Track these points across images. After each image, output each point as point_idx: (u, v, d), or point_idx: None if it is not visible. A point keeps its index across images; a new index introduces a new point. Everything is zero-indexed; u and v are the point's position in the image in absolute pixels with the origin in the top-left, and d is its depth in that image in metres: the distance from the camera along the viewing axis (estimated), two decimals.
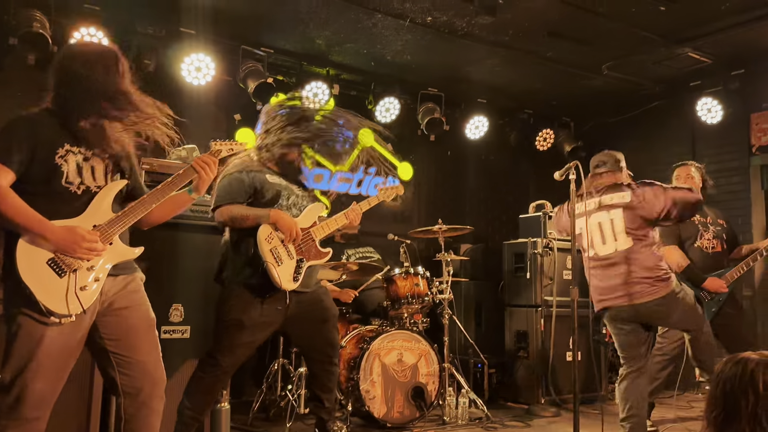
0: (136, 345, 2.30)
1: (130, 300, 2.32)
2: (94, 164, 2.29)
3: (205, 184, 2.43)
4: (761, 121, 5.85)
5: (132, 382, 2.28)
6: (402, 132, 6.43)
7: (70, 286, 2.12)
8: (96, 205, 2.25)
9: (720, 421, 1.49)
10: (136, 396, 2.29)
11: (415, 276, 4.61)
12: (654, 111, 6.59)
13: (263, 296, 3.14)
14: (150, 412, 2.31)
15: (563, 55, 5.55)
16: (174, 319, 3.53)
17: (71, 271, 2.14)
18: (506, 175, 7.28)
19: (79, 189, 2.23)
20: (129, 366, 2.28)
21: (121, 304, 2.30)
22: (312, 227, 3.33)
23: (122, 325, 2.29)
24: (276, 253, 3.14)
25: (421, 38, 5.23)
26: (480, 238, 6.63)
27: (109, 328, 2.28)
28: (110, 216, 2.26)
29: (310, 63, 5.72)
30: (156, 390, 2.33)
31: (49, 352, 2.11)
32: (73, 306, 2.12)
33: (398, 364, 4.24)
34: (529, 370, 5.27)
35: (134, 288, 2.36)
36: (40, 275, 2.11)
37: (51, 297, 2.10)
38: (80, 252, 2.13)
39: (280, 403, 4.39)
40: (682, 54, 5.44)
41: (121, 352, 2.28)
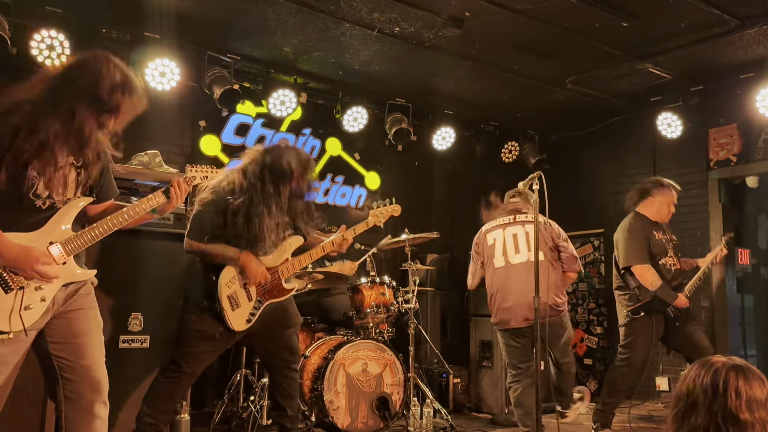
0: (81, 349, 2.26)
1: (79, 303, 2.29)
2: (66, 173, 2.24)
3: (172, 208, 2.47)
4: (719, 136, 6.03)
5: (74, 387, 2.25)
6: (370, 141, 6.45)
7: (15, 305, 2.09)
8: (56, 221, 2.21)
9: (679, 416, 1.53)
10: (77, 401, 2.25)
11: (381, 285, 4.60)
12: (616, 125, 6.74)
13: (218, 325, 3.16)
14: (93, 417, 2.27)
15: (528, 68, 5.63)
16: (133, 328, 3.45)
17: (18, 288, 2.09)
18: (472, 186, 7.33)
19: (45, 203, 2.18)
20: (72, 370, 2.24)
21: (70, 307, 2.26)
22: (282, 264, 3.31)
23: (69, 328, 2.26)
24: (234, 298, 3.18)
25: (389, 48, 5.25)
26: (446, 248, 6.65)
27: (55, 331, 2.24)
28: (69, 235, 2.22)
29: (277, 71, 5.68)
30: (98, 395, 2.29)
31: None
32: (15, 324, 2.08)
33: (363, 374, 4.22)
34: (493, 379, 5.30)
35: (85, 291, 2.32)
36: None
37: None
38: (31, 274, 2.09)
39: (242, 414, 4.32)
40: (643, 69, 5.57)
41: (65, 356, 2.24)
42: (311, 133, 6.11)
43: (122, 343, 3.39)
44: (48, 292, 2.17)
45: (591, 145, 7.14)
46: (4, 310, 2.07)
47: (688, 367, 1.64)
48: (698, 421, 1.50)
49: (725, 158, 5.97)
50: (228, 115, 5.62)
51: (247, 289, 3.22)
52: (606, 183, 6.99)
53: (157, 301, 3.50)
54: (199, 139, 5.50)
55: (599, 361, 6.58)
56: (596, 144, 7.08)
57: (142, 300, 3.49)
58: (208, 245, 3.14)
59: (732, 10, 4.55)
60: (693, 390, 1.53)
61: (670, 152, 6.32)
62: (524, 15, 4.63)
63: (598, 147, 7.08)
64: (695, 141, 6.11)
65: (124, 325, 3.41)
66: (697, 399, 1.52)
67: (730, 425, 1.47)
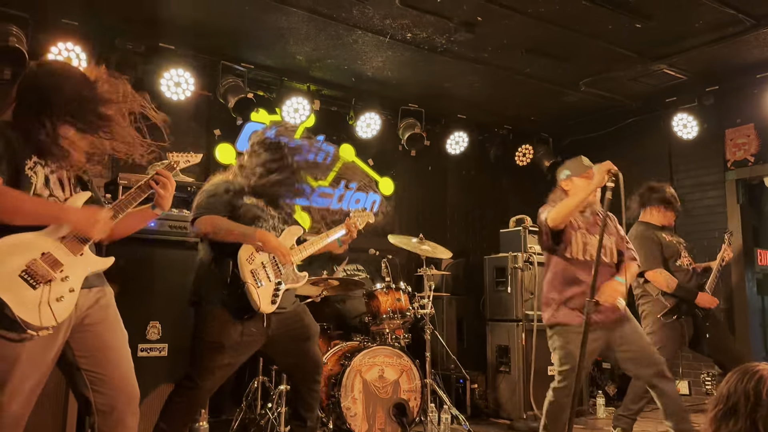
0: (110, 361, 2.27)
1: (103, 315, 2.29)
2: (61, 177, 2.28)
3: (166, 198, 2.43)
4: (736, 136, 5.97)
5: (105, 400, 2.25)
6: (383, 147, 6.46)
7: (43, 298, 2.09)
8: None
9: (719, 417, 1.53)
10: (110, 414, 2.25)
11: (397, 291, 4.59)
12: (631, 126, 6.69)
13: (241, 318, 3.06)
14: (125, 429, 2.28)
15: (541, 71, 5.62)
16: (151, 336, 3.48)
17: (44, 283, 2.10)
18: (486, 190, 7.32)
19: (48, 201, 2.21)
20: (102, 383, 2.24)
21: (94, 319, 2.27)
22: (291, 250, 3.30)
23: (95, 341, 2.26)
24: (256, 275, 3.08)
25: (401, 54, 5.27)
26: (461, 253, 6.64)
27: (81, 344, 2.24)
28: None
29: (290, 78, 5.72)
30: (130, 407, 2.29)
31: (23, 372, 2.06)
32: (47, 318, 2.07)
33: (379, 380, 4.21)
34: (511, 385, 5.27)
35: (106, 303, 2.33)
36: (13, 288, 2.06)
37: (25, 309, 2.05)
38: (97, 230, 2.16)
39: (260, 421, 4.32)
40: (657, 70, 5.54)
41: (94, 369, 2.24)
42: (325, 140, 6.11)
43: (141, 352, 3.43)
44: (75, 282, 2.17)
45: (606, 148, 7.08)
46: (34, 305, 2.06)
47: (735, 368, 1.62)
48: (738, 426, 1.49)
49: (742, 158, 5.90)
50: (242, 124, 5.66)
51: (265, 269, 3.14)
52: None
53: (174, 309, 3.52)
54: (215, 148, 5.54)
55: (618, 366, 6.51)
56: (611, 146, 7.03)
57: (160, 309, 3.52)
58: (222, 219, 3.07)
59: (747, 10, 4.51)
60: (734, 394, 1.52)
61: (687, 153, 6.26)
62: (536, 18, 4.63)
63: (613, 149, 7.01)
64: (712, 142, 6.05)
65: (142, 334, 3.45)
66: (737, 403, 1.50)
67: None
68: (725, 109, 5.90)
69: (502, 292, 5.50)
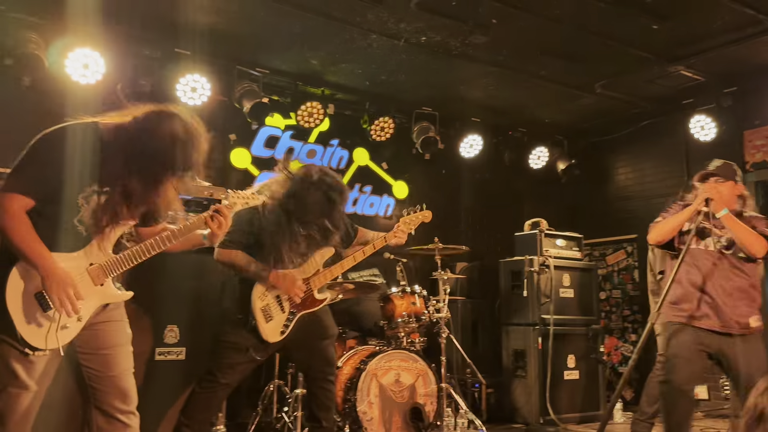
0: (109, 360, 2.29)
1: (108, 316, 2.32)
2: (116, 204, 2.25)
3: (218, 237, 2.47)
4: (754, 137, 5.89)
5: (103, 396, 2.28)
6: (397, 151, 6.46)
7: (53, 323, 2.13)
8: (99, 242, 2.24)
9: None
10: (106, 410, 2.28)
11: (412, 295, 4.58)
12: (647, 129, 6.64)
13: (252, 339, 3.20)
14: (122, 426, 2.30)
15: (556, 73, 5.59)
16: (169, 340, 3.50)
17: (56, 308, 2.13)
18: (501, 193, 7.29)
19: (86, 230, 2.22)
20: (99, 380, 2.28)
21: (99, 319, 2.29)
22: (314, 276, 3.34)
23: (97, 339, 2.29)
24: (267, 311, 3.21)
25: (416, 58, 5.26)
26: (476, 257, 6.61)
27: (83, 342, 2.27)
28: (109, 257, 2.26)
29: (305, 83, 5.74)
30: (125, 405, 2.31)
31: (30, 375, 2.13)
32: (51, 342, 2.12)
33: (396, 384, 4.20)
34: (526, 389, 5.23)
35: (114, 305, 2.35)
36: (26, 306, 2.11)
37: (31, 330, 2.10)
38: (61, 301, 2.10)
39: (276, 425, 4.33)
40: (674, 72, 5.49)
41: (94, 367, 2.28)
42: (339, 144, 6.14)
43: (158, 356, 3.44)
44: (85, 312, 2.21)
45: (622, 150, 7.05)
46: (41, 329, 2.11)
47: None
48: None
49: (761, 160, 5.83)
50: (257, 128, 5.68)
51: (280, 302, 3.26)
52: (638, 188, 6.88)
53: (191, 313, 3.54)
54: (230, 153, 5.57)
55: (634, 369, 6.45)
56: (627, 148, 6.99)
57: (177, 313, 3.53)
58: (238, 255, 3.17)
59: (766, 10, 4.45)
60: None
61: (704, 155, 6.15)
62: (552, 20, 4.61)
63: (630, 151, 6.98)
64: (730, 143, 5.98)
65: (160, 338, 3.46)
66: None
67: None
68: (744, 110, 5.84)
69: (518, 295, 5.47)
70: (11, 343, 2.09)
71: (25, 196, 2.10)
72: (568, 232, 5.81)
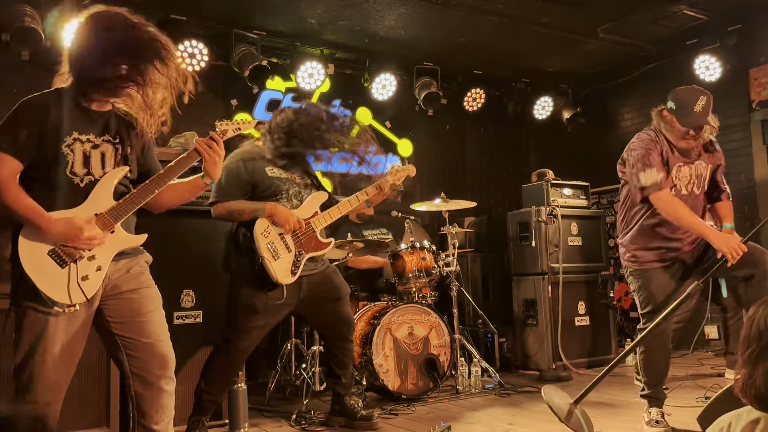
0: (143, 327, 2.29)
1: (135, 283, 2.32)
2: (104, 150, 2.28)
3: (214, 166, 2.35)
4: (760, 75, 5.82)
5: (140, 363, 2.28)
6: (400, 108, 6.43)
7: (72, 277, 2.14)
8: (97, 193, 2.24)
9: (753, 358, 1.50)
10: (145, 376, 2.29)
11: (421, 250, 4.63)
12: (652, 72, 6.55)
13: (263, 288, 3.18)
14: (160, 392, 2.31)
15: (558, 20, 5.50)
16: (186, 304, 3.57)
17: (72, 261, 2.16)
18: (506, 146, 7.27)
19: (83, 181, 2.22)
20: (136, 348, 2.28)
21: (126, 287, 2.29)
22: (313, 217, 3.35)
23: (128, 307, 2.29)
24: (273, 248, 3.18)
25: (414, 11, 5.19)
26: (483, 210, 6.64)
27: (114, 312, 2.28)
28: (112, 204, 2.25)
29: (303, 43, 5.68)
30: (164, 371, 2.31)
31: (54, 339, 2.14)
32: (76, 296, 2.14)
33: (409, 337, 4.28)
34: (538, 337, 5.32)
35: (138, 270, 2.35)
36: (42, 266, 2.13)
37: (53, 288, 2.12)
38: (79, 243, 2.14)
39: (296, 382, 4.45)
40: (677, 12, 5.39)
41: (128, 335, 2.28)
42: (341, 104, 6.12)
43: (176, 320, 3.51)
44: (103, 260, 2.21)
45: (627, 95, 6.98)
46: (62, 284, 2.13)
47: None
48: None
49: (767, 98, 5.77)
50: (258, 92, 5.66)
51: (284, 239, 3.22)
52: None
53: (206, 276, 3.59)
54: (232, 118, 5.54)
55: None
56: (632, 93, 6.91)
57: (192, 277, 3.59)
58: (233, 202, 3.20)
59: None
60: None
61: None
62: None
63: (634, 96, 6.91)
64: (735, 82, 5.91)
65: (177, 302, 3.53)
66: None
67: None
68: (748, 48, 5.74)
69: (526, 246, 5.51)
70: (35, 307, 2.13)
71: (12, 157, 2.13)
72: (575, 181, 5.82)
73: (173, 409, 2.39)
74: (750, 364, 1.51)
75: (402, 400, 4.15)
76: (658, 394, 3.29)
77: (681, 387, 4.29)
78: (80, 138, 2.22)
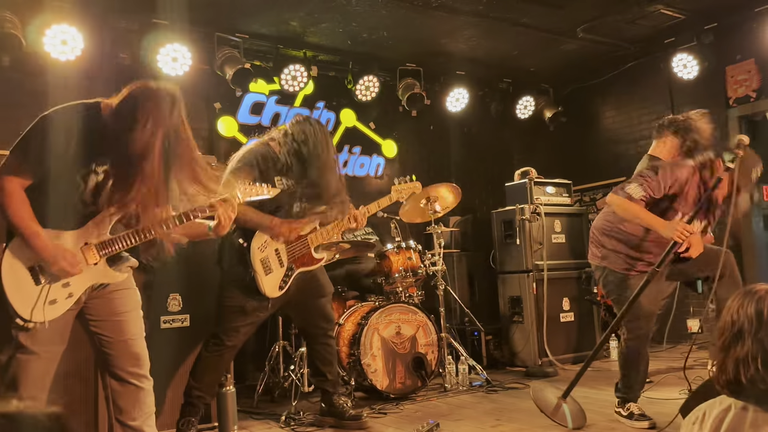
0: (120, 326, 2.37)
1: (117, 284, 2.39)
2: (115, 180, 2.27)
3: (225, 230, 2.48)
4: (736, 72, 5.93)
5: (115, 361, 2.36)
6: (383, 109, 6.45)
7: (41, 297, 2.18)
8: (96, 222, 2.28)
9: (725, 347, 1.56)
10: (119, 374, 2.37)
11: (408, 250, 4.66)
12: (631, 71, 6.66)
13: (253, 296, 3.25)
14: (135, 389, 2.38)
15: (538, 20, 5.57)
16: (173, 308, 3.56)
17: (47, 282, 2.20)
18: (489, 145, 7.32)
19: (87, 209, 2.26)
20: (111, 345, 2.36)
21: (108, 288, 2.36)
22: (310, 233, 3.39)
23: (107, 306, 2.36)
24: (266, 263, 3.25)
25: (396, 13, 5.22)
26: (468, 209, 6.68)
27: (94, 310, 2.35)
28: (105, 237, 2.29)
29: (286, 46, 5.69)
30: (137, 368, 2.39)
31: (35, 339, 2.20)
32: (37, 315, 2.18)
33: (397, 336, 4.31)
34: (524, 334, 5.37)
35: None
36: (18, 278, 2.18)
37: (21, 302, 2.17)
38: (56, 268, 2.17)
39: (284, 384, 4.46)
40: (654, 11, 5.48)
41: (104, 333, 2.36)
42: (325, 106, 6.13)
43: (164, 324, 3.51)
44: (76, 289, 2.26)
45: (607, 94, 7.08)
46: (29, 301, 2.18)
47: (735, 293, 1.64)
48: (744, 349, 1.51)
49: (744, 95, 5.88)
50: (242, 95, 5.66)
51: (278, 254, 3.30)
52: (625, 131, 6.94)
53: (193, 280, 3.60)
54: (216, 121, 5.56)
55: None
56: (612, 92, 7.02)
57: (179, 281, 3.59)
58: (243, 207, 3.17)
59: None
60: (738, 319, 1.55)
61: (688, 93, 6.24)
62: None
63: (614, 95, 7.01)
64: (712, 80, 6.02)
65: (163, 306, 3.52)
66: (742, 328, 1.53)
67: None
68: (725, 46, 5.85)
69: (511, 244, 5.57)
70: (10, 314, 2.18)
71: (22, 175, 2.17)
72: (558, 179, 5.89)
73: (153, 406, 2.45)
74: (722, 352, 1.56)
75: (390, 399, 4.17)
76: (636, 395, 3.40)
77: (664, 381, 4.35)
78: (96, 170, 2.24)
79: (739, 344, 1.53)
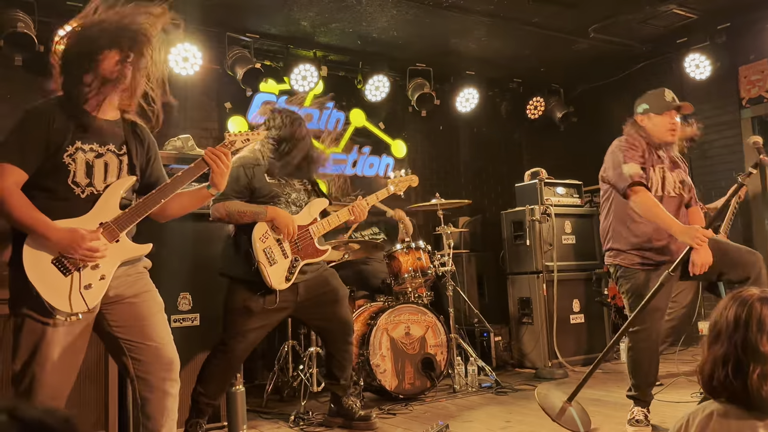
0: (146, 331, 2.29)
1: (136, 288, 2.32)
2: (108, 160, 2.27)
3: (222, 177, 2.38)
4: (749, 73, 5.88)
5: (144, 367, 2.28)
6: (393, 109, 6.45)
7: (74, 285, 2.14)
8: (103, 202, 2.24)
9: (708, 345, 1.57)
10: (149, 380, 2.29)
11: (417, 250, 4.65)
12: (643, 71, 6.61)
13: (260, 291, 3.21)
14: (164, 395, 2.31)
15: (549, 20, 5.54)
16: (183, 307, 3.57)
17: (75, 270, 2.16)
18: (499, 146, 7.31)
19: (84, 192, 2.22)
20: (140, 351, 2.28)
21: (127, 292, 2.29)
22: (311, 224, 3.37)
23: (131, 312, 2.29)
24: (269, 253, 3.20)
25: (406, 13, 5.22)
26: (477, 210, 6.67)
27: (117, 316, 2.28)
28: (117, 213, 2.25)
29: (296, 46, 5.70)
30: (169, 374, 2.32)
31: (53, 346, 2.13)
32: (77, 305, 2.13)
33: (406, 337, 4.30)
34: (534, 335, 5.35)
35: (137, 276, 2.35)
36: (46, 275, 2.13)
37: (55, 296, 2.12)
38: (80, 253, 2.13)
39: (293, 383, 4.46)
40: (667, 11, 5.44)
41: (132, 338, 2.28)
42: (335, 106, 6.13)
43: (173, 323, 3.51)
44: (107, 269, 2.21)
45: (618, 94, 7.02)
46: (64, 293, 2.13)
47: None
48: (720, 351, 1.51)
49: (757, 95, 5.83)
50: (252, 95, 5.67)
51: (281, 245, 3.25)
52: None
53: (204, 279, 3.60)
54: (226, 121, 5.57)
55: None
56: (623, 92, 6.95)
57: (189, 280, 3.60)
58: (236, 203, 3.19)
59: None
60: (719, 321, 1.55)
61: (700, 94, 6.18)
62: None
63: (626, 95, 6.93)
64: (725, 80, 5.97)
65: (173, 305, 3.53)
66: (721, 329, 1.53)
67: (750, 356, 1.46)
68: (738, 46, 5.81)
69: (521, 245, 5.55)
70: (33, 316, 2.12)
71: (17, 167, 2.13)
72: (568, 180, 5.86)
73: (176, 412, 2.39)
74: (707, 347, 1.57)
75: (399, 400, 4.17)
76: (645, 396, 3.30)
77: (675, 383, 4.32)
78: (83, 147, 2.22)
79: (717, 345, 1.54)
